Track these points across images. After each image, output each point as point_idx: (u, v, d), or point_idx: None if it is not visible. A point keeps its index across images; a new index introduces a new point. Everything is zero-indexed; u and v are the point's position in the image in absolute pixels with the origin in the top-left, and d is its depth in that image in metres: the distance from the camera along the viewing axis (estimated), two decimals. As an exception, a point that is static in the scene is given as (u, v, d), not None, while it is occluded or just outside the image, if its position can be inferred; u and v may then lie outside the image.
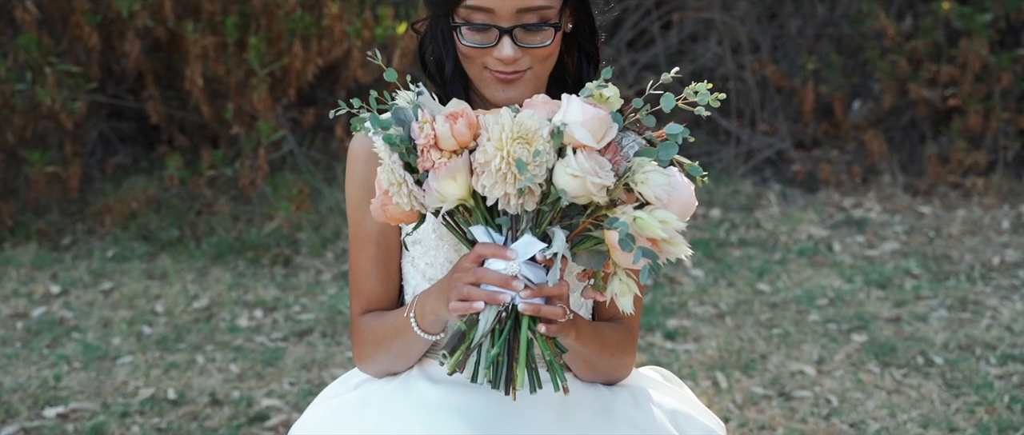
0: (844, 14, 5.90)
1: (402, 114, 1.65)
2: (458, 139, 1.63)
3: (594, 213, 1.65)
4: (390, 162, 1.64)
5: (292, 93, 5.18)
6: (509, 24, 1.82)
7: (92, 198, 5.26)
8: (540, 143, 1.61)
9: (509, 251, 1.67)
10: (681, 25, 5.96)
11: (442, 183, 1.62)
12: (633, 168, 1.63)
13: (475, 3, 1.82)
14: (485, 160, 1.61)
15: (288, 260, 4.89)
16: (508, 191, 1.62)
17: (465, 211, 1.69)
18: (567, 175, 1.60)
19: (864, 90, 5.92)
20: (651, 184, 1.61)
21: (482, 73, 1.86)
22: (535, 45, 1.84)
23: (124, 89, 5.50)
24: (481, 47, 1.83)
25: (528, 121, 1.61)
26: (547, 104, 1.67)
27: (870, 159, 5.67)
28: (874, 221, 5.27)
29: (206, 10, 4.93)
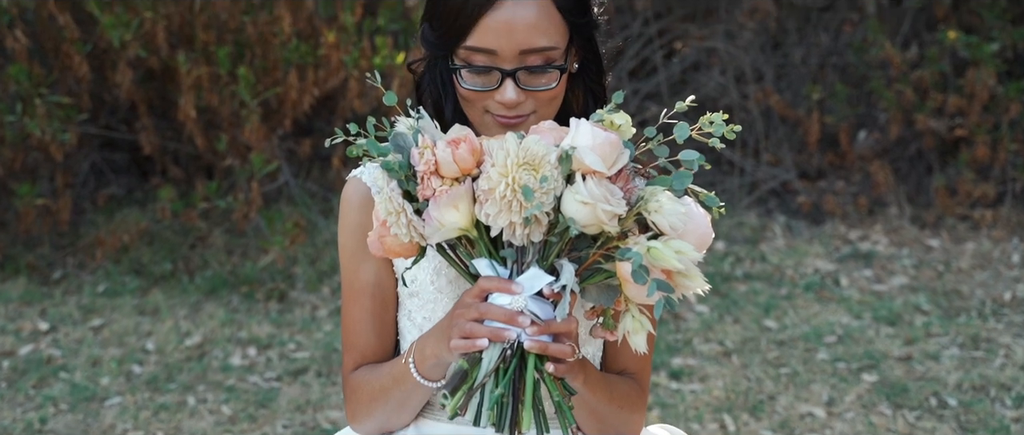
0: (848, 43, 5.83)
1: (401, 140, 1.55)
2: (460, 165, 1.52)
3: (605, 244, 1.54)
4: (388, 190, 1.53)
5: (288, 124, 5.08)
6: (512, 66, 1.71)
7: (84, 231, 5.16)
8: (547, 169, 1.50)
9: (514, 285, 1.56)
10: (683, 54, 5.89)
11: (443, 212, 1.51)
12: (646, 197, 1.52)
13: (476, 44, 1.71)
14: (489, 187, 1.50)
15: (283, 295, 4.78)
16: (513, 220, 1.51)
17: (467, 243, 1.58)
18: (576, 203, 1.49)
19: (870, 120, 5.83)
20: (666, 213, 1.50)
21: (483, 117, 1.75)
22: (539, 88, 1.73)
23: (117, 119, 5.41)
24: (482, 90, 1.72)
25: (535, 146, 1.51)
26: (554, 130, 1.57)
27: (876, 190, 5.58)
28: (881, 254, 5.18)
29: (200, 39, 4.85)
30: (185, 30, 4.93)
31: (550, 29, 1.73)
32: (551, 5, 1.74)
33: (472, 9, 1.71)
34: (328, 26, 5.00)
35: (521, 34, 1.71)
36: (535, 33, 1.71)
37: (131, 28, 4.68)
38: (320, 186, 5.43)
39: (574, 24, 1.76)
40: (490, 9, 1.71)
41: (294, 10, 4.97)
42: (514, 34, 1.70)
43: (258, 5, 4.92)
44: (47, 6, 4.74)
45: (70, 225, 5.13)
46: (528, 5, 1.72)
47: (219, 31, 4.90)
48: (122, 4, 4.77)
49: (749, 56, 5.79)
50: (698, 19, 5.88)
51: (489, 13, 1.71)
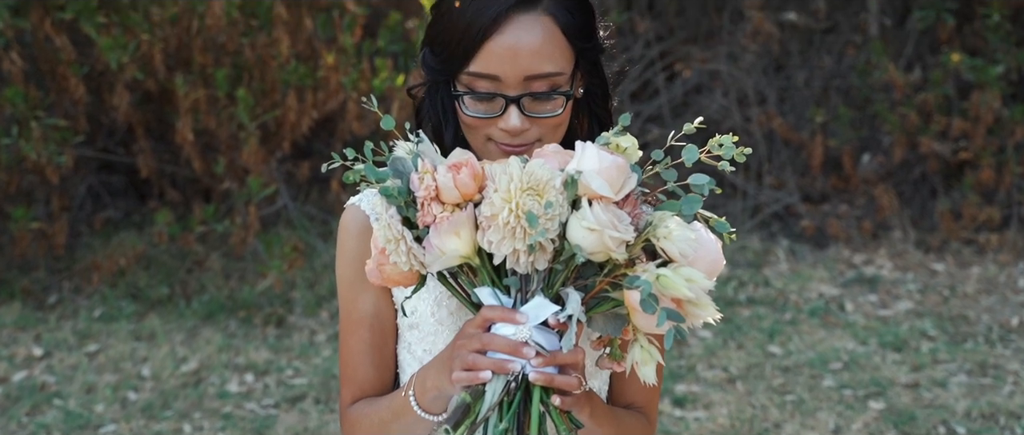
0: (852, 66, 5.79)
1: (400, 165, 1.49)
2: (462, 191, 1.46)
3: (612, 272, 1.48)
4: (387, 217, 1.47)
5: (286, 146, 5.03)
6: (516, 92, 1.66)
7: (80, 254, 5.10)
8: (552, 194, 1.45)
9: (518, 315, 1.50)
10: (685, 77, 5.85)
11: (444, 239, 1.45)
12: (654, 223, 1.46)
13: (479, 69, 1.65)
14: (492, 213, 1.45)
15: (281, 320, 4.72)
16: (517, 247, 1.45)
17: (469, 271, 1.52)
18: (583, 229, 1.43)
19: (873, 143, 5.79)
20: (675, 239, 1.45)
21: (486, 144, 1.69)
22: (544, 114, 1.67)
23: (115, 142, 5.37)
24: (486, 117, 1.67)
25: (539, 170, 1.45)
26: (559, 154, 1.51)
27: (880, 214, 5.53)
28: (886, 279, 5.12)
29: (197, 62, 4.80)
30: (183, 52, 4.89)
31: (556, 54, 1.68)
32: (556, 29, 1.69)
33: (475, 33, 1.65)
34: (327, 48, 4.95)
35: (526, 59, 1.65)
36: (540, 58, 1.66)
37: (128, 50, 4.64)
38: (319, 209, 5.38)
39: (580, 49, 1.71)
40: (494, 33, 1.65)
41: (293, 32, 4.93)
42: (518, 59, 1.65)
43: (257, 27, 4.87)
44: (44, 28, 4.69)
45: (66, 249, 5.08)
46: (533, 29, 1.66)
47: (217, 53, 4.86)
48: (120, 26, 4.73)
49: (752, 78, 5.75)
50: (700, 41, 5.85)
51: (493, 38, 1.65)
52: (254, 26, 4.86)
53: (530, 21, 1.66)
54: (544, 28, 1.67)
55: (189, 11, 4.73)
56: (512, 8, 1.66)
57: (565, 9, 1.69)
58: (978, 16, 5.58)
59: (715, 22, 5.84)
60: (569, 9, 1.70)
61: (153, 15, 4.72)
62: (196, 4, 4.69)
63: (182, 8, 4.73)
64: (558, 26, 1.68)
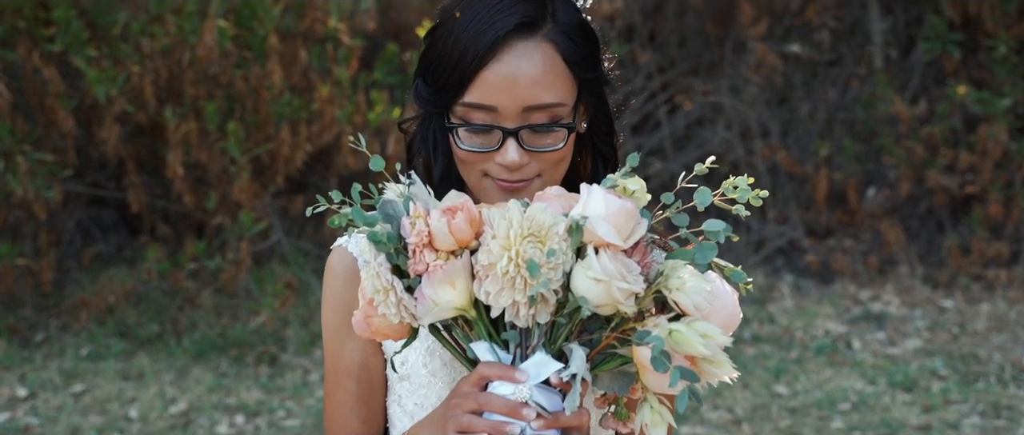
0: (856, 98, 5.71)
1: (391, 208, 1.37)
2: (457, 237, 1.35)
3: (620, 326, 1.36)
4: (376, 265, 1.36)
5: (280, 180, 4.93)
6: (514, 124, 1.54)
7: (68, 291, 5.00)
8: (555, 241, 1.33)
9: (518, 372, 1.38)
10: (687, 109, 5.77)
11: (437, 290, 1.34)
12: (666, 272, 1.35)
13: (474, 100, 1.54)
14: (489, 262, 1.33)
15: (274, 359, 4.60)
16: (517, 299, 1.33)
17: (465, 324, 1.40)
18: (588, 280, 1.31)
19: (879, 177, 5.70)
20: (689, 291, 1.33)
21: (482, 181, 1.57)
22: (545, 148, 1.55)
23: (105, 176, 5.27)
24: (482, 151, 1.55)
25: (541, 216, 1.34)
26: (562, 197, 1.39)
27: (887, 249, 5.45)
28: (894, 316, 5.02)
29: (189, 94, 4.70)
30: (174, 84, 4.79)
31: (557, 84, 1.56)
32: (558, 58, 1.57)
33: (471, 61, 1.54)
34: (322, 80, 4.86)
35: (525, 89, 1.54)
36: (540, 88, 1.55)
37: (118, 83, 4.54)
38: (314, 244, 5.27)
39: (583, 79, 1.59)
40: (491, 61, 1.54)
41: (287, 64, 4.84)
42: (517, 89, 1.54)
43: (251, 59, 4.78)
44: (32, 60, 4.60)
45: (54, 285, 4.97)
46: (533, 58, 1.55)
47: (209, 85, 4.76)
48: (110, 58, 4.64)
49: (755, 111, 5.67)
50: (702, 73, 5.77)
51: (489, 66, 1.54)
52: (248, 58, 4.77)
53: (529, 48, 1.55)
54: (544, 56, 1.56)
55: (181, 42, 4.63)
56: (510, 34, 1.55)
57: (567, 36, 1.58)
58: (984, 48, 5.51)
59: (717, 54, 5.77)
60: (571, 36, 1.58)
61: (144, 46, 4.63)
62: (188, 35, 4.59)
63: (174, 39, 4.64)
64: (559, 54, 1.57)
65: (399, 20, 5.43)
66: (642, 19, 5.68)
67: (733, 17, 5.65)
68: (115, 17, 4.65)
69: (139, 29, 4.60)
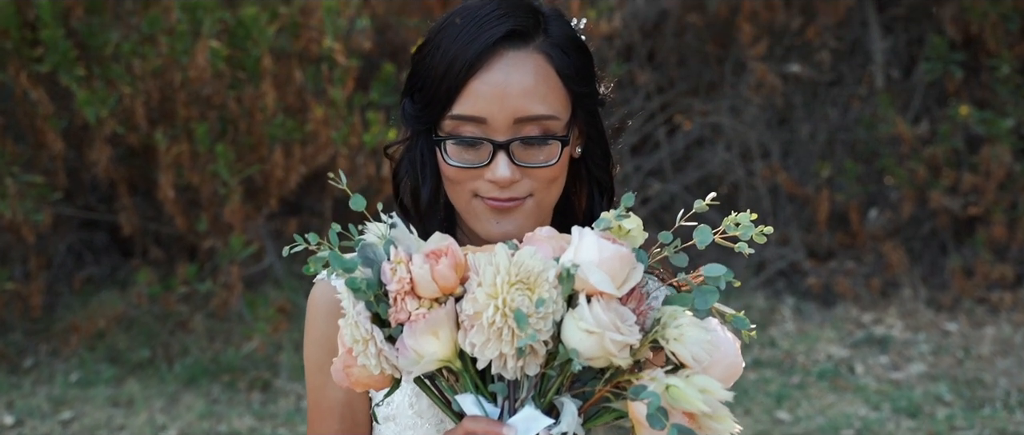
0: (857, 119, 5.65)
1: (371, 252, 1.30)
2: (440, 284, 1.27)
3: (614, 378, 1.28)
4: (354, 313, 1.28)
5: (273, 203, 4.86)
6: (505, 137, 1.48)
7: (59, 315, 4.92)
8: (545, 289, 1.26)
9: (505, 428, 1.30)
10: (687, 129, 5.71)
11: (420, 340, 1.26)
12: (663, 321, 1.27)
13: (463, 111, 1.48)
14: (475, 311, 1.25)
15: (266, 384, 4.53)
16: (504, 351, 1.26)
17: (450, 375, 1.33)
18: (580, 331, 1.24)
19: (881, 198, 5.64)
20: (687, 342, 1.25)
21: (471, 202, 1.50)
22: (537, 164, 1.49)
23: (97, 199, 5.20)
24: (471, 167, 1.49)
25: (530, 261, 1.26)
26: (553, 239, 1.32)
27: (889, 271, 5.38)
28: (897, 340, 4.95)
29: (181, 115, 4.63)
30: (166, 106, 4.72)
31: (549, 96, 1.50)
32: (551, 70, 1.51)
33: (459, 71, 1.48)
34: (317, 101, 4.80)
35: (515, 99, 1.48)
36: (532, 99, 1.48)
37: (108, 104, 4.47)
38: (308, 267, 5.20)
39: (576, 94, 1.53)
40: (480, 70, 1.48)
41: (281, 85, 4.78)
42: (508, 99, 1.47)
43: (244, 79, 4.72)
44: (20, 80, 4.53)
45: (44, 309, 4.89)
46: (524, 67, 1.49)
47: (202, 107, 4.69)
48: (101, 79, 4.57)
49: (755, 132, 5.61)
50: (701, 94, 5.72)
51: (479, 75, 1.48)
52: (241, 78, 4.71)
53: (521, 58, 1.50)
54: (537, 66, 1.50)
55: (173, 63, 4.57)
56: (500, 43, 1.49)
57: (560, 49, 1.52)
58: (986, 68, 5.45)
59: (717, 74, 5.71)
60: (565, 50, 1.53)
61: (135, 67, 4.57)
62: (179, 56, 4.53)
63: (166, 60, 4.57)
64: (552, 66, 1.51)
65: (396, 40, 5.37)
66: (641, 38, 5.63)
67: (733, 37, 5.59)
68: (107, 37, 4.58)
69: (130, 50, 4.54)
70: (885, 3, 5.70)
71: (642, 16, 5.64)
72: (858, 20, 5.69)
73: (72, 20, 4.58)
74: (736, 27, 5.53)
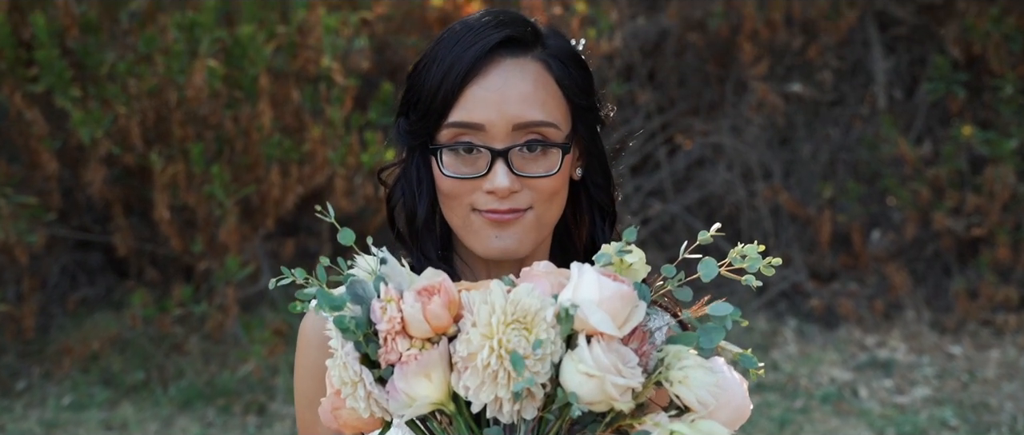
0: (859, 139, 5.60)
1: (360, 288, 1.24)
2: (433, 323, 1.22)
3: (615, 423, 1.23)
4: (343, 354, 1.22)
5: (270, 223, 4.81)
6: (504, 145, 1.43)
7: (53, 337, 4.87)
8: (543, 330, 1.20)
9: (501, 474, 1.24)
10: (687, 149, 5.67)
11: (412, 383, 1.20)
12: (667, 361, 1.22)
13: (461, 118, 1.44)
14: (469, 353, 1.20)
15: (262, 408, 4.47)
16: (500, 395, 1.20)
17: (443, 418, 1.27)
18: (579, 374, 1.18)
19: (883, 219, 5.59)
20: (692, 384, 1.20)
21: (469, 217, 1.46)
22: (537, 174, 1.45)
23: (92, 219, 5.15)
24: (469, 178, 1.44)
25: (527, 299, 1.20)
26: (551, 275, 1.26)
27: (892, 293, 5.33)
28: (901, 363, 4.89)
29: (176, 135, 4.59)
30: (162, 126, 4.68)
31: (549, 103, 1.46)
32: (550, 79, 1.47)
33: (456, 77, 1.44)
34: (315, 120, 4.75)
35: (514, 105, 1.44)
36: (531, 105, 1.44)
37: (103, 124, 4.43)
38: (305, 288, 5.14)
39: (576, 106, 1.49)
40: (478, 76, 1.44)
41: (279, 104, 4.73)
42: (506, 105, 1.43)
43: (241, 99, 4.67)
44: (14, 100, 4.49)
45: (37, 331, 4.84)
46: (523, 72, 1.46)
47: (198, 126, 4.65)
48: (96, 99, 4.52)
49: (756, 152, 5.57)
50: (702, 113, 5.67)
51: (476, 81, 1.44)
52: (238, 98, 4.66)
53: (519, 65, 1.46)
54: (536, 73, 1.47)
55: (169, 83, 4.53)
56: (498, 50, 1.46)
57: (559, 60, 1.49)
58: (989, 88, 5.41)
59: (718, 93, 5.67)
60: (563, 61, 1.49)
61: (131, 87, 4.52)
62: (176, 75, 4.48)
63: (161, 80, 4.53)
64: (551, 76, 1.48)
65: (395, 59, 5.33)
66: (641, 58, 5.59)
67: (733, 56, 5.56)
68: (103, 57, 4.54)
69: (126, 69, 4.50)
70: (887, 23, 5.67)
71: (642, 36, 5.61)
72: (860, 40, 5.65)
73: (68, 40, 4.54)
74: (737, 46, 5.49)
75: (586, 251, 1.53)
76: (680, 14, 5.54)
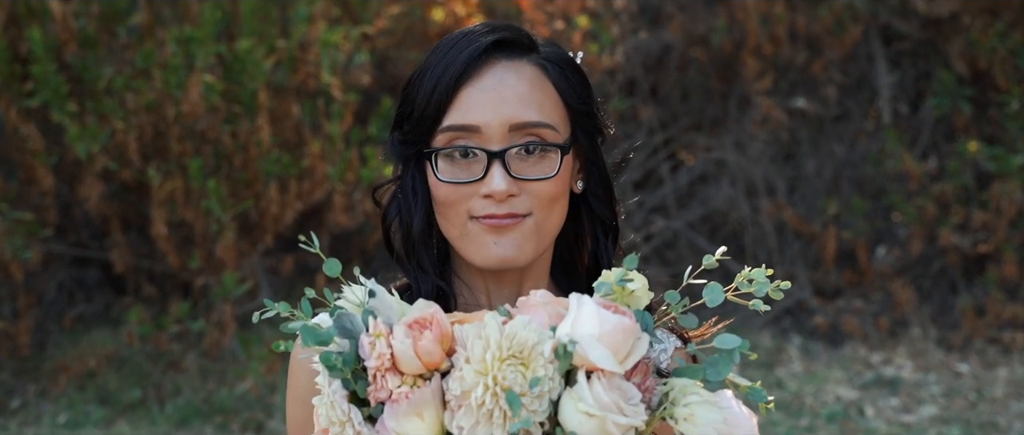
0: (864, 154, 5.55)
1: (347, 322, 1.19)
2: (424, 360, 1.16)
3: (617, 462, 1.17)
4: (330, 393, 1.17)
5: (269, 239, 4.76)
6: (500, 146, 1.39)
7: (49, 354, 4.82)
8: (540, 366, 1.14)
9: (497, 517, 1.19)
10: (690, 165, 5.62)
11: (403, 422, 1.15)
12: (673, 396, 1.16)
13: (455, 121, 1.40)
14: (463, 391, 1.14)
15: (260, 426, 4.41)
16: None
17: (436, 457, 1.21)
18: (579, 413, 1.13)
19: (889, 236, 5.54)
20: (699, 422, 1.14)
21: (466, 226, 1.41)
22: (536, 176, 1.40)
23: (90, 235, 5.10)
24: (465, 183, 1.40)
25: (523, 333, 1.15)
26: (549, 305, 1.21)
27: (898, 310, 5.28)
28: (907, 381, 4.83)
29: (174, 150, 4.54)
30: (159, 141, 4.64)
31: (546, 104, 1.42)
32: (547, 82, 1.44)
33: (449, 80, 1.40)
34: (314, 135, 4.71)
35: (510, 105, 1.40)
36: (527, 105, 1.41)
37: (100, 139, 4.38)
38: (304, 305, 5.09)
39: (575, 112, 1.45)
40: (472, 77, 1.41)
41: (278, 119, 4.69)
42: (502, 105, 1.40)
43: (240, 114, 4.63)
44: (10, 115, 4.45)
45: (34, 348, 4.80)
46: (519, 73, 1.42)
47: (196, 142, 4.61)
48: (94, 114, 4.48)
49: (760, 167, 5.52)
50: (705, 129, 5.63)
51: (471, 82, 1.41)
52: (237, 113, 4.62)
53: (514, 66, 1.43)
54: (532, 75, 1.43)
55: (166, 97, 4.48)
56: (492, 52, 1.43)
57: (556, 65, 1.45)
58: (995, 103, 5.37)
59: (721, 109, 5.63)
60: (561, 66, 1.46)
61: (128, 102, 4.48)
62: (173, 90, 4.44)
63: (159, 94, 4.49)
64: (548, 79, 1.44)
65: (396, 74, 5.29)
66: (643, 73, 5.55)
67: (737, 71, 5.51)
68: (100, 72, 4.50)
69: (123, 84, 4.46)
70: (891, 37, 5.63)
71: (645, 50, 5.57)
72: (864, 55, 5.61)
73: (65, 54, 4.50)
74: (740, 62, 5.45)
75: (589, 272, 1.48)
76: (683, 29, 5.49)
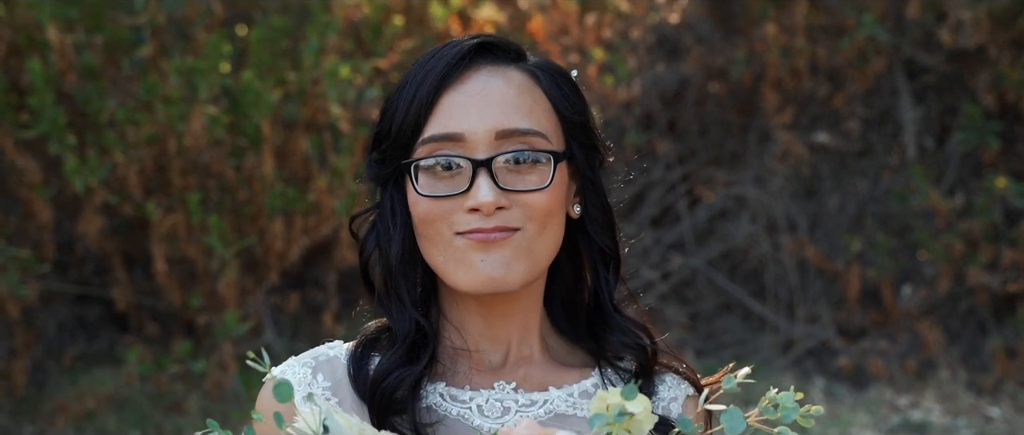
0: (889, 190, 5.45)
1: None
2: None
3: None
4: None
5: (274, 276, 4.65)
6: (486, 154, 1.27)
7: (48, 394, 4.71)
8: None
9: None
10: (709, 201, 5.53)
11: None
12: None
13: (437, 130, 1.28)
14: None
15: (262, 471, 4.27)
16: None
17: None
18: None
19: (915, 274, 5.43)
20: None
21: (450, 245, 1.28)
22: (526, 188, 1.28)
23: (90, 271, 5.01)
24: (448, 196, 1.28)
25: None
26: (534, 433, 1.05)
27: (925, 352, 5.18)
28: (936, 425, 4.70)
29: (176, 185, 4.44)
30: (161, 175, 4.54)
31: (536, 111, 1.30)
32: (537, 88, 1.31)
33: (429, 87, 1.29)
34: (321, 170, 4.62)
35: (496, 110, 1.28)
36: (515, 110, 1.29)
37: (99, 173, 4.29)
38: (311, 345, 4.94)
39: (568, 122, 1.32)
40: (454, 83, 1.29)
41: (284, 153, 4.60)
42: (487, 110, 1.28)
43: (246, 147, 4.54)
44: (7, 148, 4.36)
45: (33, 388, 4.70)
46: (505, 79, 1.31)
47: (200, 176, 4.51)
48: (95, 146, 4.39)
49: (781, 203, 5.44)
50: (725, 164, 5.56)
51: (454, 87, 1.29)
52: (243, 146, 4.53)
53: (500, 72, 1.31)
54: (520, 81, 1.31)
55: (168, 130, 4.39)
56: (476, 57, 1.31)
57: (548, 73, 1.33)
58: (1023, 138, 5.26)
59: (740, 143, 5.56)
60: (553, 75, 1.33)
61: (129, 135, 4.39)
62: (175, 122, 4.35)
63: (161, 127, 4.40)
64: (539, 87, 1.32)
65: (406, 107, 5.21)
66: (661, 107, 5.47)
67: (757, 105, 5.44)
68: (102, 104, 4.42)
69: (125, 117, 4.37)
70: (916, 71, 5.54)
71: (662, 84, 5.49)
72: (888, 88, 5.53)
73: (65, 85, 4.42)
74: (760, 95, 5.38)
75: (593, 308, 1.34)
76: (701, 62, 5.42)
